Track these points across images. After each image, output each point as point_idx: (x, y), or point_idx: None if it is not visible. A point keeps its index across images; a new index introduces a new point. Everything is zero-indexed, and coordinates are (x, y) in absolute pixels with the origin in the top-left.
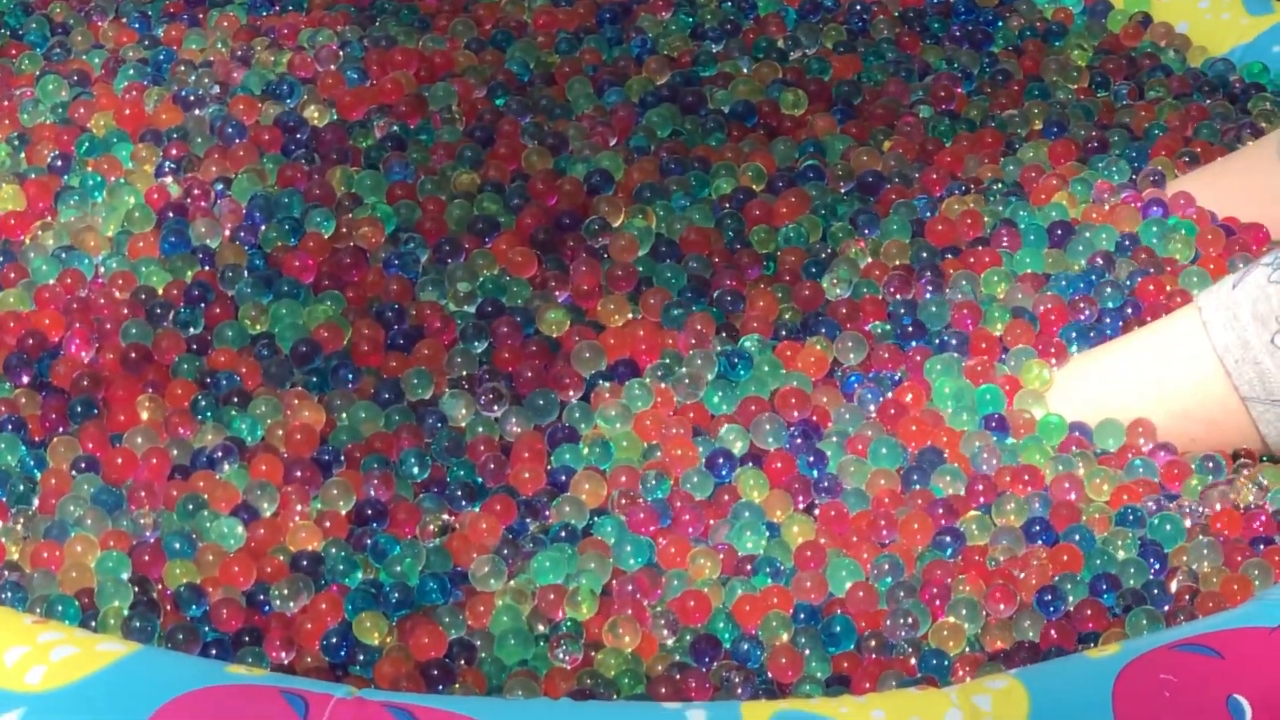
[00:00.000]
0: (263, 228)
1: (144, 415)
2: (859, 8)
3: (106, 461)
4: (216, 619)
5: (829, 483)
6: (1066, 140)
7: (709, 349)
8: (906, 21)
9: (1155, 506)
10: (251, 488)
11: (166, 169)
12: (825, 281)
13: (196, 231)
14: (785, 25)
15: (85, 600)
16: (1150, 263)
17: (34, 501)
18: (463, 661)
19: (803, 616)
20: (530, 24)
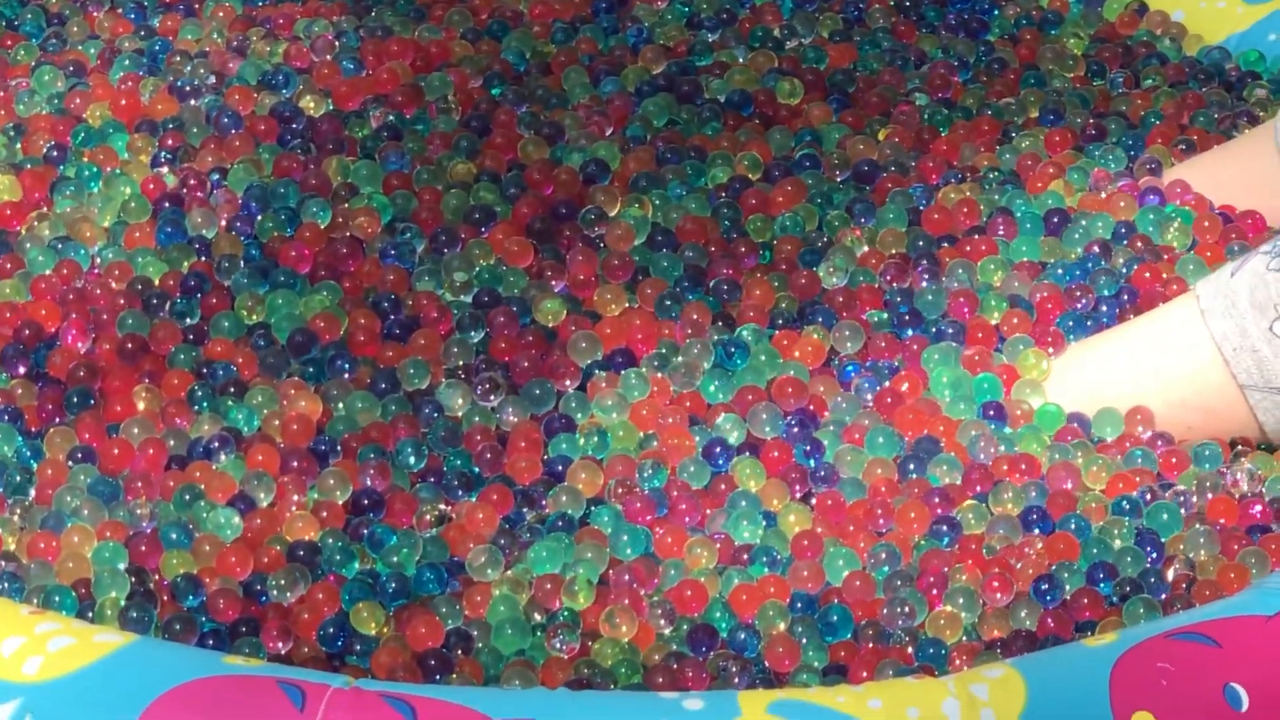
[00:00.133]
0: (259, 218)
1: (140, 406)
2: None
3: (103, 452)
4: (213, 609)
5: (826, 472)
6: (1063, 129)
7: (705, 338)
8: (902, 10)
9: (1152, 495)
10: (248, 478)
11: (162, 159)
12: (822, 270)
13: (193, 222)
14: (781, 14)
15: (82, 591)
16: (1147, 250)
17: (30, 492)
18: (460, 651)
19: (800, 606)
20: (526, 14)
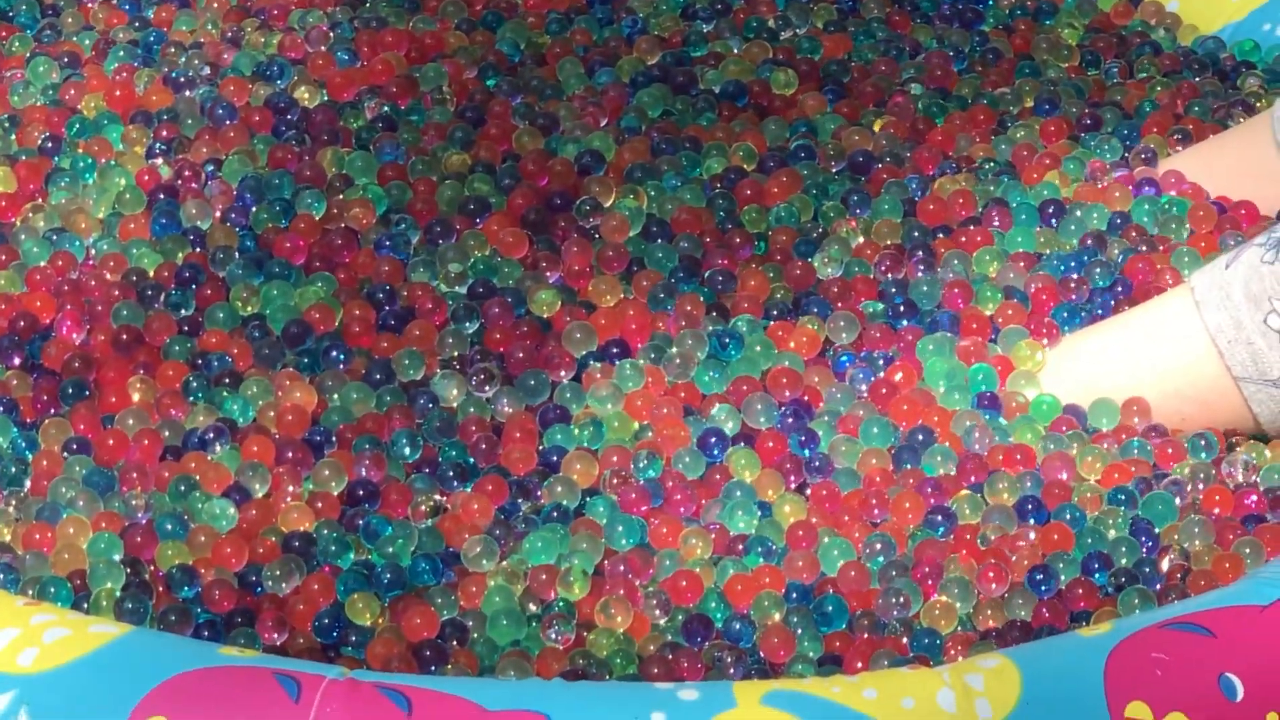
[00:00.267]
0: (253, 209)
1: (135, 397)
2: None
3: (98, 443)
4: (209, 600)
5: (820, 462)
6: (1058, 119)
7: (700, 329)
8: (897, 0)
9: (1147, 486)
10: (243, 469)
11: (157, 150)
12: (817, 261)
13: (187, 213)
14: (775, 5)
15: (77, 582)
16: (1142, 241)
17: (26, 483)
18: (455, 642)
19: (795, 596)
20: (520, 4)
